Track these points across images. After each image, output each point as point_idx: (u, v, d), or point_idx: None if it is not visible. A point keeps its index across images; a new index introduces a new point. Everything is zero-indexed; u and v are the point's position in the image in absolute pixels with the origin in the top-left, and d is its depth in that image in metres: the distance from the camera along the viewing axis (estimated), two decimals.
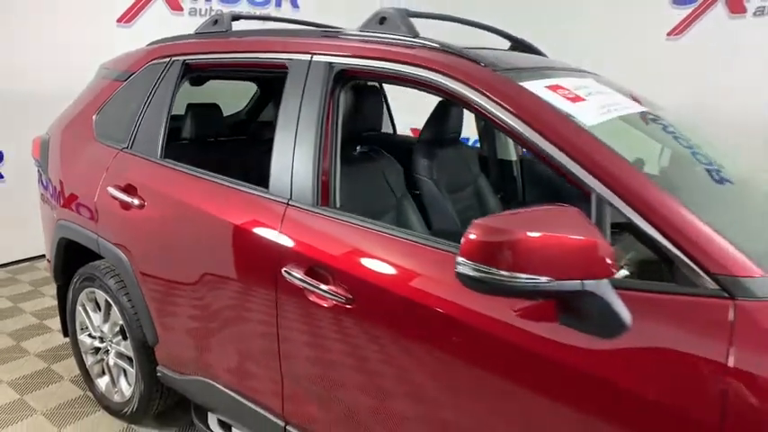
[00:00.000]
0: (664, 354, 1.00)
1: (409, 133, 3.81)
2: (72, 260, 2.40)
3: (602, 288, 0.98)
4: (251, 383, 1.75)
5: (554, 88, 1.36)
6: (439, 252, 1.28)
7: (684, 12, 4.34)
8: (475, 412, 1.25)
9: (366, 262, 1.37)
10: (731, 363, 0.93)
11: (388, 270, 1.33)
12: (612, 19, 4.55)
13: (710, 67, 4.17)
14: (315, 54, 1.65)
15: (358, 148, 2.10)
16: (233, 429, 1.95)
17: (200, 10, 4.87)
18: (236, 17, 2.14)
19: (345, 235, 1.44)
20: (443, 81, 1.38)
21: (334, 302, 1.40)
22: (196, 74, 2.16)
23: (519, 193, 2.83)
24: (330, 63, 1.61)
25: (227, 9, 5.01)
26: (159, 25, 4.30)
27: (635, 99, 1.71)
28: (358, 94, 1.95)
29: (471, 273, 0.97)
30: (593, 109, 1.35)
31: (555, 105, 1.27)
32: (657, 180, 1.15)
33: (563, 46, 4.61)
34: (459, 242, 1.00)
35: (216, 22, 2.11)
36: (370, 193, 2.03)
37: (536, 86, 1.34)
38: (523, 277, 0.95)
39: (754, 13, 4.14)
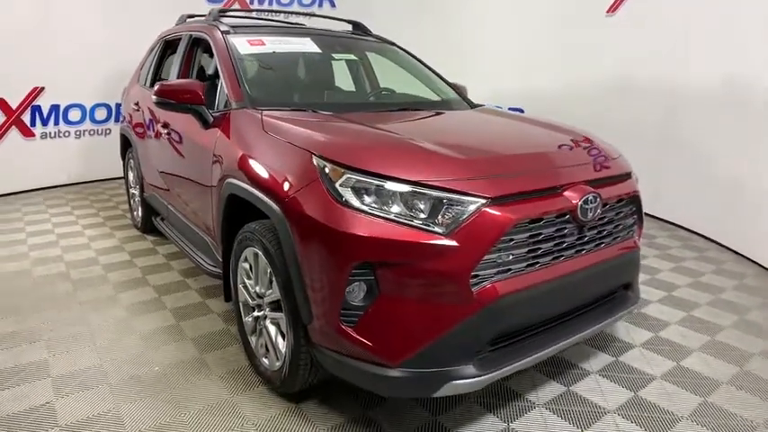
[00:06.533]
0: (220, 132, 2.66)
1: None
2: (125, 147, 4.62)
3: (201, 108, 2.70)
4: (160, 187, 3.70)
5: (250, 40, 3.03)
6: None
7: None
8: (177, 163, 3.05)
9: (166, 112, 3.21)
10: (222, 131, 2.59)
11: (170, 115, 3.16)
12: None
13: (637, 37, 5.10)
14: (189, 32, 3.54)
15: None
16: (164, 221, 3.94)
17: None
18: (191, 16, 4.10)
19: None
20: (209, 40, 3.14)
21: (162, 135, 3.28)
22: (169, 46, 4.17)
23: None
24: (191, 35, 3.48)
25: (283, 8, 7.08)
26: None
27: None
28: None
29: (156, 100, 2.74)
30: (258, 49, 2.99)
31: (236, 47, 2.95)
32: (249, 75, 2.80)
33: (527, 18, 5.87)
34: None
35: (180, 17, 4.11)
36: None
37: (239, 39, 3.02)
38: (168, 100, 2.71)
39: None
